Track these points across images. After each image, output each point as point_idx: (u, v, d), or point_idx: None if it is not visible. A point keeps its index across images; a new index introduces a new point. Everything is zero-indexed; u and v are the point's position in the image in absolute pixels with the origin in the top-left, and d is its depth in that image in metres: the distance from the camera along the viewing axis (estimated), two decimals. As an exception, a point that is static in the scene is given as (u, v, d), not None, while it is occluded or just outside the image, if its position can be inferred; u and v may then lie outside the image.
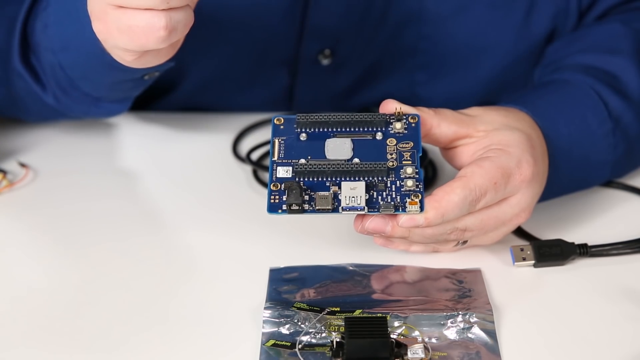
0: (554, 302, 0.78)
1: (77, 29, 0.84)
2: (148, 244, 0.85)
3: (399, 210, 0.75)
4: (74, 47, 0.86)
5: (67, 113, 0.94)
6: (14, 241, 0.86)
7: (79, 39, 0.84)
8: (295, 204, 0.74)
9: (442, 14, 0.98)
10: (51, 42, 0.88)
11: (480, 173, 0.77)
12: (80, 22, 0.83)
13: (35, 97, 0.92)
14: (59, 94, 0.91)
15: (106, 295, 0.79)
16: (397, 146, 0.78)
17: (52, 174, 0.94)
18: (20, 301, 0.79)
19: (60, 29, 0.87)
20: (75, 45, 0.86)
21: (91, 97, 0.91)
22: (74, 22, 0.84)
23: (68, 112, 0.94)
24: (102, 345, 0.74)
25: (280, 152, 0.78)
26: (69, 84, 0.90)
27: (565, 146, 0.85)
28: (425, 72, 1.01)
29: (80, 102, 0.92)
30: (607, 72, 0.90)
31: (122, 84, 0.89)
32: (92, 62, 0.85)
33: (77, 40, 0.85)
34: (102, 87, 0.90)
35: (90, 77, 0.89)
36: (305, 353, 0.71)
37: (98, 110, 0.93)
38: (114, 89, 0.90)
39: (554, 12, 0.99)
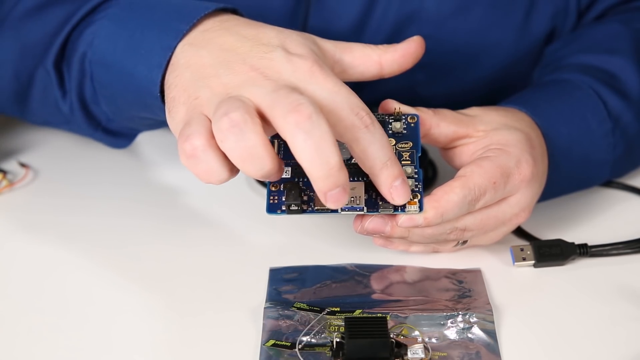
0: (554, 302, 0.78)
1: (133, 61, 0.80)
2: (148, 244, 0.85)
3: (398, 210, 0.75)
4: (117, 71, 0.82)
5: (74, 126, 0.92)
6: (14, 241, 0.86)
7: (127, 70, 0.80)
8: (295, 204, 0.74)
9: (443, 14, 0.97)
10: (92, 52, 0.84)
11: (479, 173, 0.77)
12: (140, 56, 0.79)
13: (52, 101, 0.90)
14: (75, 106, 0.88)
15: (106, 295, 0.79)
16: (397, 146, 0.78)
17: (52, 174, 0.94)
18: (19, 301, 0.79)
19: (109, 47, 0.82)
20: (119, 70, 0.82)
21: (105, 117, 0.89)
22: (131, 51, 0.80)
23: (75, 126, 0.92)
24: (102, 345, 0.74)
25: (279, 152, 0.78)
26: (92, 98, 0.87)
27: (565, 146, 0.85)
28: (426, 72, 1.01)
29: (91, 121, 0.90)
30: (606, 71, 0.91)
31: (143, 119, 0.86)
32: (128, 94, 0.82)
33: (124, 68, 0.81)
34: (123, 113, 0.86)
35: (117, 102, 0.85)
36: (305, 353, 0.71)
37: (103, 137, 0.91)
38: (133, 119, 0.87)
39: (553, 12, 0.99)
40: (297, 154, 0.69)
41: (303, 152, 0.68)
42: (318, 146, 0.68)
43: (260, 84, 0.71)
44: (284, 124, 0.69)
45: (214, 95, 0.72)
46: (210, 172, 0.71)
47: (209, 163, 0.71)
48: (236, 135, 0.69)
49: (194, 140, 0.71)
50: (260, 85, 0.71)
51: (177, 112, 0.74)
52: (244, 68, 0.73)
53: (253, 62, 0.73)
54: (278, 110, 0.69)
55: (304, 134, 0.68)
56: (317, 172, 0.68)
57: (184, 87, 0.74)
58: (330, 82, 0.72)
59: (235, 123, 0.69)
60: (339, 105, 0.71)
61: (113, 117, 0.88)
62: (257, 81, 0.72)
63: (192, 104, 0.73)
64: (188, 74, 0.75)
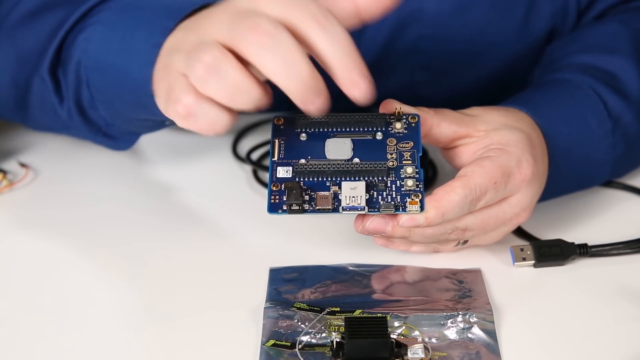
0: (554, 302, 0.78)
1: (125, 62, 0.80)
2: (148, 244, 0.85)
3: (400, 210, 0.75)
4: (111, 74, 0.82)
5: (74, 131, 0.92)
6: (14, 241, 0.86)
7: (121, 72, 0.81)
8: (296, 204, 0.74)
9: (443, 13, 0.97)
10: (87, 58, 0.84)
11: (480, 172, 0.77)
12: (131, 56, 0.79)
13: (49, 107, 0.90)
14: (73, 111, 0.88)
15: (106, 295, 0.79)
16: (397, 146, 0.78)
17: (52, 174, 0.94)
18: (19, 301, 0.79)
19: (103, 50, 0.83)
20: (114, 73, 0.82)
21: (104, 122, 0.89)
22: (124, 53, 0.81)
23: (74, 131, 0.92)
24: (102, 345, 0.74)
25: (280, 152, 0.78)
26: (90, 103, 0.87)
27: (565, 146, 0.85)
28: (426, 72, 1.01)
29: (91, 125, 0.90)
30: (606, 71, 0.91)
31: (142, 122, 0.87)
32: (124, 96, 0.82)
33: (118, 70, 0.81)
34: (121, 117, 0.87)
35: (115, 105, 0.85)
36: (305, 353, 0.71)
37: (104, 141, 0.91)
38: (131, 122, 0.87)
39: (553, 12, 0.99)
40: (268, 74, 0.69)
41: (274, 71, 0.68)
42: (286, 60, 0.68)
43: (219, 22, 0.71)
44: (248, 49, 0.69)
45: (184, 54, 0.72)
46: (211, 122, 0.71)
47: (207, 114, 0.71)
48: (215, 76, 0.69)
49: (183, 99, 0.71)
50: (219, 23, 0.71)
51: (161, 89, 0.75)
52: (209, 22, 0.73)
53: (215, 14, 0.73)
54: (239, 38, 0.69)
55: (269, 52, 0.68)
56: (292, 86, 0.69)
57: (162, 65, 0.75)
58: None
59: (209, 65, 0.69)
60: (297, 16, 0.70)
61: (112, 121, 0.88)
62: (217, 22, 0.72)
63: (169, 74, 0.74)
64: (165, 54, 0.76)
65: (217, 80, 0.69)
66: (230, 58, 0.69)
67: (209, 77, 0.69)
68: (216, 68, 0.69)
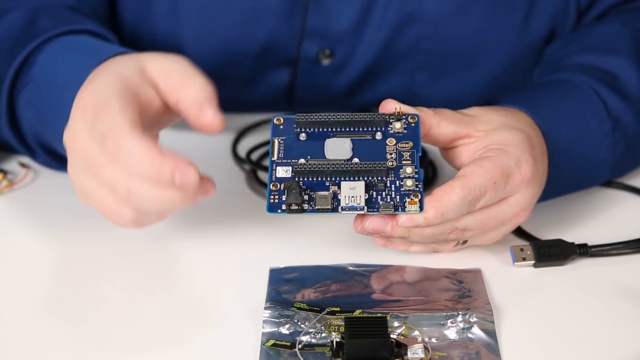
0: (553, 302, 0.78)
1: (59, 90, 0.82)
2: (148, 244, 0.85)
3: (399, 210, 0.75)
4: (53, 107, 0.84)
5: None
6: (14, 241, 0.86)
7: (60, 100, 0.82)
8: (295, 203, 0.74)
9: (442, 14, 0.98)
10: (32, 98, 0.86)
11: (479, 172, 0.77)
12: (64, 84, 0.81)
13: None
14: (41, 157, 0.91)
15: (106, 295, 0.79)
16: (397, 146, 0.78)
17: (52, 174, 0.94)
18: (20, 301, 0.79)
19: (40, 87, 0.85)
20: (55, 106, 0.83)
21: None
22: (55, 81, 0.83)
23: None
24: (102, 345, 0.74)
25: (279, 152, 0.78)
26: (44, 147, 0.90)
27: (565, 146, 0.85)
28: (426, 72, 1.01)
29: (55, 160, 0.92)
30: (606, 71, 0.90)
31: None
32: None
33: (57, 101, 0.83)
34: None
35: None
36: (305, 353, 0.71)
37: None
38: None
39: (553, 12, 0.99)
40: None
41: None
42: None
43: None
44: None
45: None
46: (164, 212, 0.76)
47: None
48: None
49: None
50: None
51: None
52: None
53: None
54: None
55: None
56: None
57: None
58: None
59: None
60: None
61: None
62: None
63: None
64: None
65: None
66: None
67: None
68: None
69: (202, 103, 0.76)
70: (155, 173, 0.72)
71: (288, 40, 1.00)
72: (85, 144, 0.75)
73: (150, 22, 1.00)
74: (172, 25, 1.00)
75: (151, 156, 0.72)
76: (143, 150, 0.72)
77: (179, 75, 0.77)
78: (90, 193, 0.76)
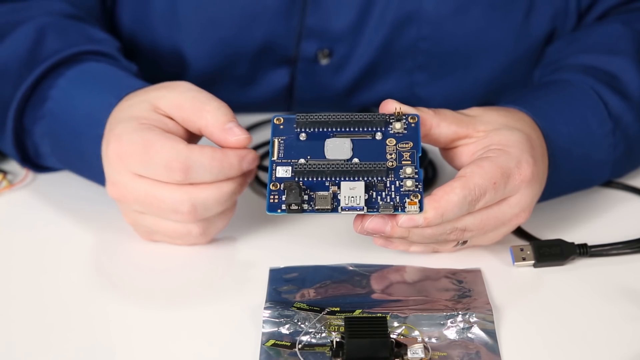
0: (553, 302, 0.78)
1: (81, 166, 0.88)
2: (148, 244, 0.85)
3: (398, 210, 0.75)
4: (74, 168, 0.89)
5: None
6: (14, 241, 0.86)
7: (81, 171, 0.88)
8: (295, 203, 0.74)
9: (442, 14, 0.98)
10: (46, 129, 0.88)
11: (479, 173, 0.77)
12: (86, 165, 0.86)
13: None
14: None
15: (106, 295, 0.79)
16: (397, 146, 0.78)
17: (52, 174, 0.94)
18: (20, 302, 0.79)
19: (58, 149, 0.88)
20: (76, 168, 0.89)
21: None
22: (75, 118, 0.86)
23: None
24: (102, 344, 0.74)
25: (279, 151, 0.78)
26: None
27: (565, 146, 0.85)
28: (425, 72, 1.01)
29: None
30: (607, 72, 0.90)
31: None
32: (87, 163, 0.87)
33: (78, 167, 0.88)
34: (88, 176, 0.90)
35: (75, 168, 0.90)
36: (305, 353, 0.71)
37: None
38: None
39: (553, 13, 0.99)
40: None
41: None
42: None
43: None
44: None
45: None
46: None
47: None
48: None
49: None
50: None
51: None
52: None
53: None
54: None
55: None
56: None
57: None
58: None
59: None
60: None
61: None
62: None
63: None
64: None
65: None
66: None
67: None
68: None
69: (224, 125, 0.80)
70: (225, 168, 0.79)
71: (286, 40, 1.00)
72: (136, 188, 0.79)
73: (148, 23, 1.00)
74: (170, 26, 1.00)
75: (216, 157, 0.78)
76: (207, 155, 0.78)
77: (191, 105, 0.80)
78: (154, 229, 0.81)
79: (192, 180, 0.78)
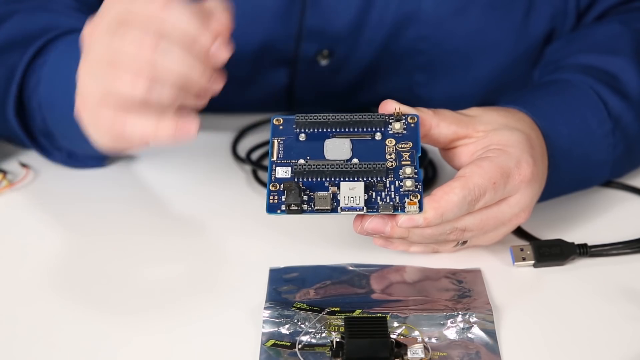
0: (553, 302, 0.78)
1: (66, 89, 0.81)
2: (148, 244, 0.85)
3: (398, 210, 0.75)
4: (60, 113, 0.85)
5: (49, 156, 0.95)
6: (14, 241, 0.86)
7: (70, 110, 0.81)
8: (294, 204, 0.74)
9: (441, 14, 0.97)
10: (39, 98, 0.88)
11: (479, 173, 0.77)
12: (71, 83, 0.79)
13: (20, 140, 0.94)
14: (46, 145, 0.93)
15: (106, 295, 0.79)
16: (396, 146, 0.78)
17: (52, 174, 0.94)
18: (20, 302, 0.79)
19: (49, 87, 0.87)
20: (63, 112, 0.84)
21: (69, 151, 0.93)
22: (70, 90, 0.80)
23: (49, 156, 0.95)
24: (102, 345, 0.74)
25: (279, 152, 0.78)
26: (50, 139, 0.91)
27: (565, 146, 0.85)
28: (425, 72, 1.01)
29: (60, 154, 0.93)
30: (606, 72, 0.90)
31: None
32: (76, 131, 0.82)
33: (68, 108, 0.81)
34: (81, 146, 0.88)
35: (72, 139, 0.88)
36: (305, 353, 0.71)
37: (75, 163, 0.94)
38: (91, 149, 0.88)
39: (552, 13, 0.99)
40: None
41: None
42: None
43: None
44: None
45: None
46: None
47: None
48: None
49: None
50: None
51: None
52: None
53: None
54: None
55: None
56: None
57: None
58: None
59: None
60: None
61: (75, 149, 0.92)
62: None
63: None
64: None
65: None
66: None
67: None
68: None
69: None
70: (197, 35, 0.73)
71: (286, 41, 1.00)
72: (118, 9, 0.73)
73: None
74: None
75: (198, 20, 0.73)
76: (192, 13, 0.73)
77: None
78: (113, 56, 0.73)
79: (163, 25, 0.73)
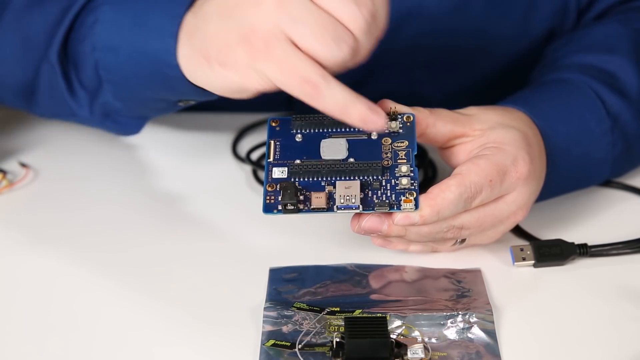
0: (553, 302, 0.78)
1: (142, 38, 0.80)
2: (148, 244, 0.85)
3: (394, 208, 0.75)
4: (125, 52, 0.82)
5: (81, 118, 0.91)
6: (14, 241, 0.86)
7: (137, 48, 0.80)
8: (290, 203, 0.74)
9: (442, 11, 0.97)
10: (98, 40, 0.84)
11: (475, 170, 0.77)
12: (150, 31, 0.79)
13: (57, 94, 0.90)
14: (82, 96, 0.88)
15: (106, 295, 0.79)
16: (392, 145, 0.78)
17: (52, 174, 0.94)
18: (19, 302, 0.79)
19: (114, 30, 0.83)
20: (128, 51, 0.82)
21: (112, 107, 0.89)
22: (139, 29, 0.80)
23: (82, 118, 0.91)
24: (102, 345, 0.74)
25: (275, 153, 0.78)
26: (96, 87, 0.87)
27: (564, 145, 0.85)
28: (426, 70, 1.01)
29: (99, 111, 0.90)
30: (605, 71, 0.90)
31: (155, 102, 0.86)
32: (142, 72, 0.81)
33: (133, 47, 0.81)
34: (134, 98, 0.86)
35: (128, 86, 0.85)
36: (305, 353, 0.71)
37: (112, 126, 0.91)
38: (144, 104, 0.87)
39: (553, 11, 0.99)
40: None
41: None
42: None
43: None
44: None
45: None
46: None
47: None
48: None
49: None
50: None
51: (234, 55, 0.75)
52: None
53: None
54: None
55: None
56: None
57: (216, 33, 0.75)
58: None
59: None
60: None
61: (121, 105, 0.88)
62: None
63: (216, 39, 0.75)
64: (194, 24, 0.76)
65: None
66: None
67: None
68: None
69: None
70: None
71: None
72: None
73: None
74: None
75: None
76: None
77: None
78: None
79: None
